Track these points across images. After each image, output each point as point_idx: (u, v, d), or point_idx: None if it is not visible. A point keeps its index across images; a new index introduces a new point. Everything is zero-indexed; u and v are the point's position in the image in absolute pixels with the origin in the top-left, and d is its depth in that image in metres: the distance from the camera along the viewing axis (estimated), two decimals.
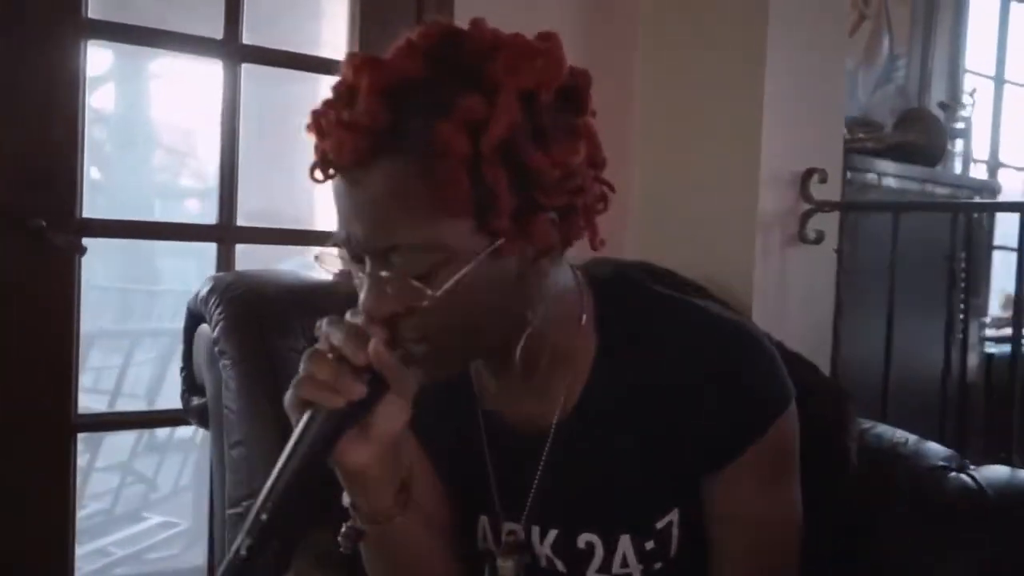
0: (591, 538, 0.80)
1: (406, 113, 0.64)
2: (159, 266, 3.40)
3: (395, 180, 0.65)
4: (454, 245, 0.66)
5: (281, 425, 1.16)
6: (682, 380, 0.77)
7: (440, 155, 0.64)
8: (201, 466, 2.65)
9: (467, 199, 0.65)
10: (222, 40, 1.56)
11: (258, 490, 1.14)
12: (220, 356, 1.24)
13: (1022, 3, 3.22)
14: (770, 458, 0.79)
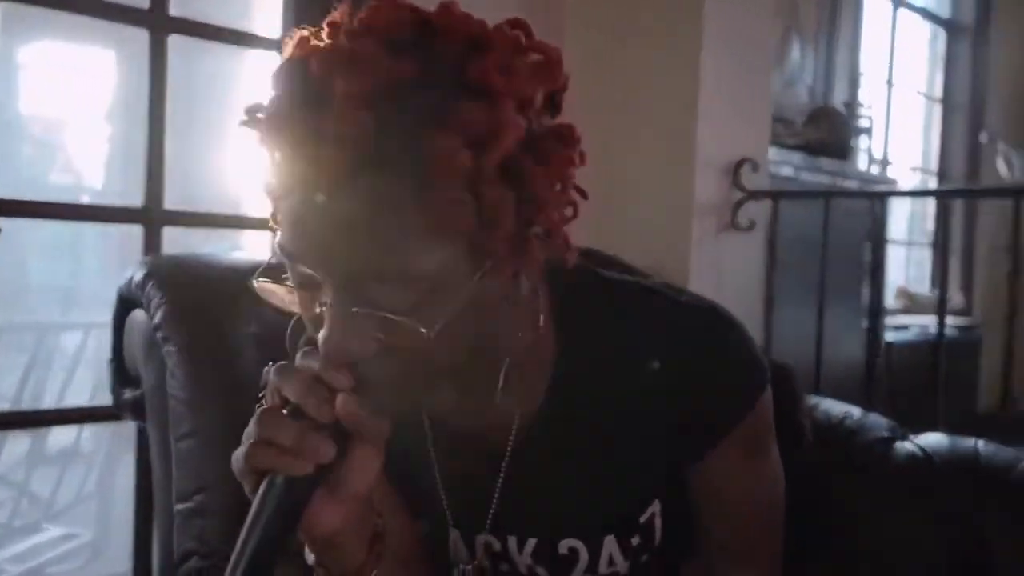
0: (574, 543, 0.76)
1: (393, 121, 0.54)
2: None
3: (381, 200, 0.55)
4: (445, 273, 0.58)
5: (232, 414, 1.11)
6: (659, 368, 0.72)
7: (439, 172, 0.54)
8: (105, 474, 2.49)
9: (468, 222, 0.56)
10: (148, 9, 1.47)
11: (205, 484, 1.10)
12: (163, 343, 1.16)
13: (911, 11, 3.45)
14: (755, 433, 0.78)
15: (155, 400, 1.19)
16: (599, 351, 0.73)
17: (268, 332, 1.16)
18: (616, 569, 0.76)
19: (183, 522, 1.10)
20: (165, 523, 1.17)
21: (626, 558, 0.76)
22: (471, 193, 0.55)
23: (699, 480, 0.76)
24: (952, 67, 3.71)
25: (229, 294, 1.21)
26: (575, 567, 0.76)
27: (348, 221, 0.55)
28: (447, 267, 0.57)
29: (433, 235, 0.56)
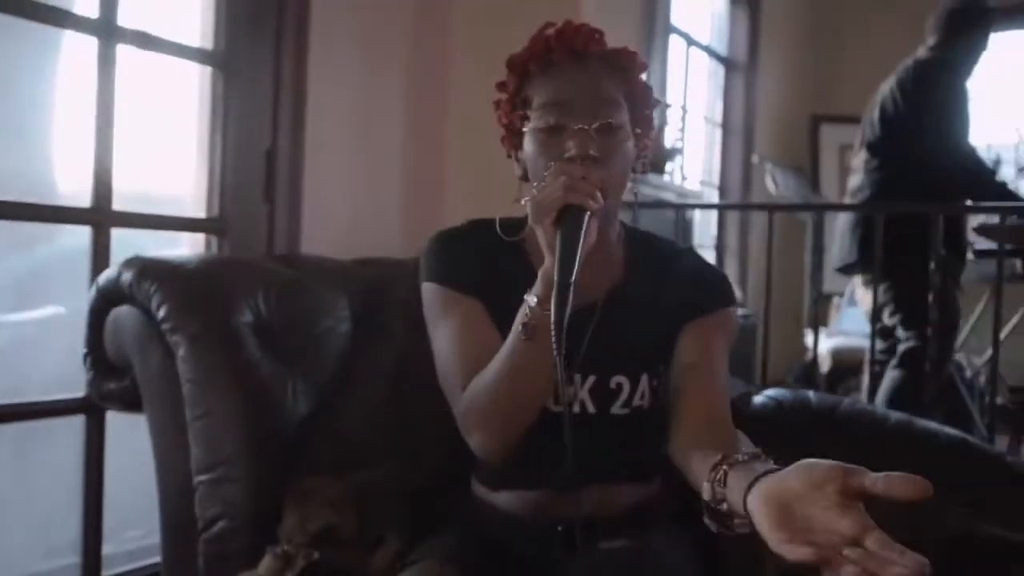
0: (621, 379, 1.08)
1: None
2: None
3: (610, 90, 1.04)
4: (624, 132, 1.04)
5: (243, 394, 1.27)
6: (680, 272, 1.13)
7: (634, 93, 1.07)
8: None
9: (633, 118, 1.07)
10: (99, 19, 1.53)
11: (227, 456, 1.24)
12: (171, 333, 1.28)
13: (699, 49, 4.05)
14: (727, 330, 1.14)
15: (160, 385, 1.30)
16: (648, 255, 1.15)
17: (261, 321, 1.33)
18: (643, 403, 1.09)
19: (207, 491, 1.24)
20: (174, 497, 1.29)
21: (651, 396, 1.09)
22: (634, 109, 1.06)
23: (686, 349, 1.09)
24: (729, 97, 4.41)
25: (223, 288, 1.35)
26: (616, 400, 1.08)
27: (603, 88, 1.03)
28: (625, 129, 1.04)
29: (624, 114, 1.04)
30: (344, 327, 1.46)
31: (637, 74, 1.08)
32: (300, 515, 1.18)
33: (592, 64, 1.04)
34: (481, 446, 1.03)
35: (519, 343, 0.96)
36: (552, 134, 1.02)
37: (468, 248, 1.11)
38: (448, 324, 1.08)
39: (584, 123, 1.00)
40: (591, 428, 1.06)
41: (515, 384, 0.98)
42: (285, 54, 1.82)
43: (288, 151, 1.84)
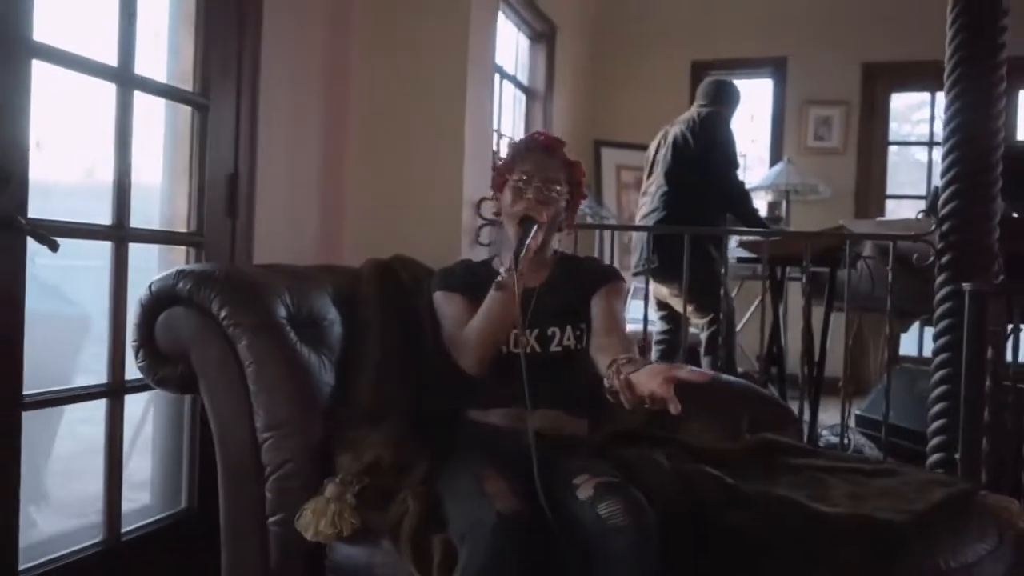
0: (554, 329, 1.75)
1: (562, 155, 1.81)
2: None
3: (560, 166, 1.78)
4: (563, 196, 1.77)
5: (291, 371, 1.70)
6: (587, 267, 1.88)
7: (574, 175, 1.79)
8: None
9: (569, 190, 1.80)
10: (117, 68, 1.84)
11: (286, 418, 1.67)
12: (231, 327, 1.66)
13: (508, 80, 4.73)
14: (619, 292, 1.84)
15: (221, 369, 1.68)
16: (568, 263, 1.87)
17: (291, 315, 1.77)
18: (570, 344, 1.74)
19: (274, 444, 1.65)
20: (236, 452, 1.68)
21: (574, 339, 1.74)
22: (571, 186, 1.78)
23: (600, 303, 1.77)
24: (530, 121, 5.14)
25: (262, 290, 1.76)
26: (552, 342, 1.74)
27: (555, 169, 1.75)
28: (562, 198, 1.77)
29: (564, 190, 1.75)
30: (337, 320, 1.91)
31: (577, 175, 1.83)
32: (352, 454, 1.65)
33: (553, 158, 1.79)
34: (469, 364, 1.71)
35: (493, 295, 1.67)
36: (523, 184, 1.75)
37: (458, 272, 1.88)
38: (447, 310, 1.79)
39: (543, 186, 1.74)
40: (539, 362, 1.69)
41: (490, 322, 1.68)
42: (244, 92, 2.20)
43: (246, 175, 2.22)
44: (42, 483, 1.85)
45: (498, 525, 1.36)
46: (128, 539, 1.91)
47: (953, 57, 2.28)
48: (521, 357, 1.57)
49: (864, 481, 1.76)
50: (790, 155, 5.34)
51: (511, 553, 1.35)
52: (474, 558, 1.36)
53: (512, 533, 1.37)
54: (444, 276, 1.87)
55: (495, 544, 1.35)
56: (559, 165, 1.78)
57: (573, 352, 1.75)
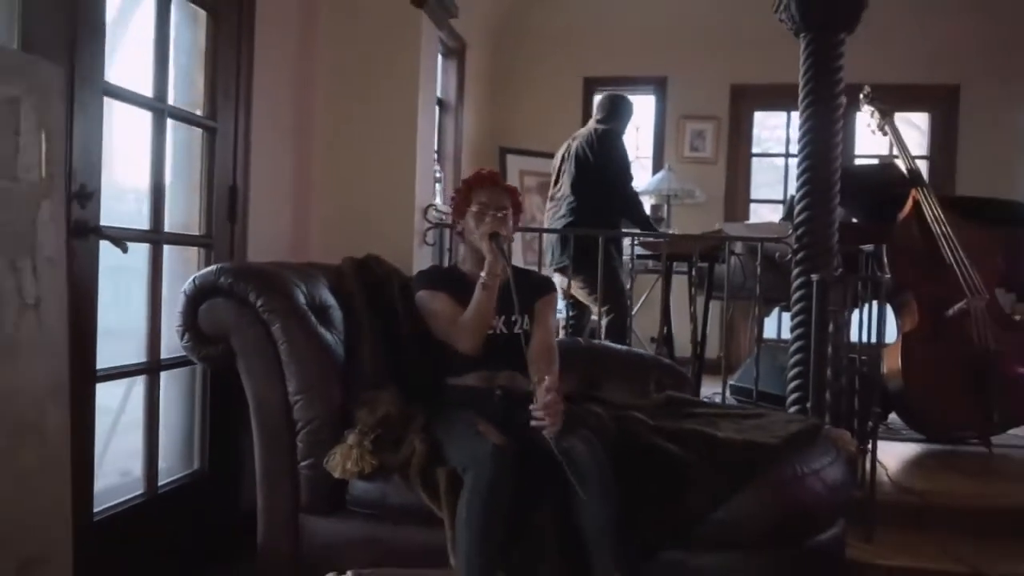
0: (516, 317, 2.23)
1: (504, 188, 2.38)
2: None
3: (508, 196, 2.37)
4: (508, 216, 2.34)
5: (315, 346, 2.15)
6: (531, 278, 2.41)
7: (514, 198, 2.37)
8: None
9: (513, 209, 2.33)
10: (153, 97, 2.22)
11: (312, 384, 2.12)
12: (267, 314, 2.09)
13: None
14: (552, 303, 2.40)
15: (258, 347, 2.10)
16: (517, 272, 2.32)
17: (309, 302, 2.21)
18: (526, 328, 2.24)
19: (304, 404, 2.09)
20: (271, 413, 2.10)
21: (528, 325, 2.26)
22: (513, 206, 2.37)
23: (539, 315, 2.32)
24: (443, 131, 5.62)
25: (286, 282, 2.18)
26: (515, 326, 2.23)
27: (502, 198, 2.34)
28: (509, 217, 2.35)
29: (509, 210, 2.34)
30: (336, 306, 2.35)
31: (515, 197, 2.40)
32: (368, 409, 2.11)
33: (498, 188, 2.37)
34: (468, 347, 2.19)
35: (480, 292, 2.17)
36: (480, 214, 2.30)
37: (436, 274, 2.49)
38: (435, 305, 2.26)
39: (496, 211, 2.26)
40: (505, 339, 2.22)
41: (479, 312, 2.17)
42: (241, 116, 2.59)
43: (243, 187, 2.61)
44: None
45: (494, 454, 1.87)
46: (163, 493, 2.29)
47: (806, 87, 2.95)
48: (521, 336, 2.18)
49: (743, 421, 2.38)
50: (670, 163, 6.06)
51: (507, 474, 1.87)
52: (479, 480, 1.87)
53: (505, 460, 1.88)
54: (428, 279, 2.38)
55: (494, 468, 1.86)
56: (503, 192, 2.37)
57: (527, 334, 2.25)
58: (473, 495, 1.86)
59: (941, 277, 3.69)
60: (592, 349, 2.87)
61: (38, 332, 1.54)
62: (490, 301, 2.19)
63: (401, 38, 3.12)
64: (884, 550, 2.59)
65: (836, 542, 2.20)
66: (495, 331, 2.25)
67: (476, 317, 2.19)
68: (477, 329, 2.19)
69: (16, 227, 1.51)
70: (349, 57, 3.09)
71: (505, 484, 1.86)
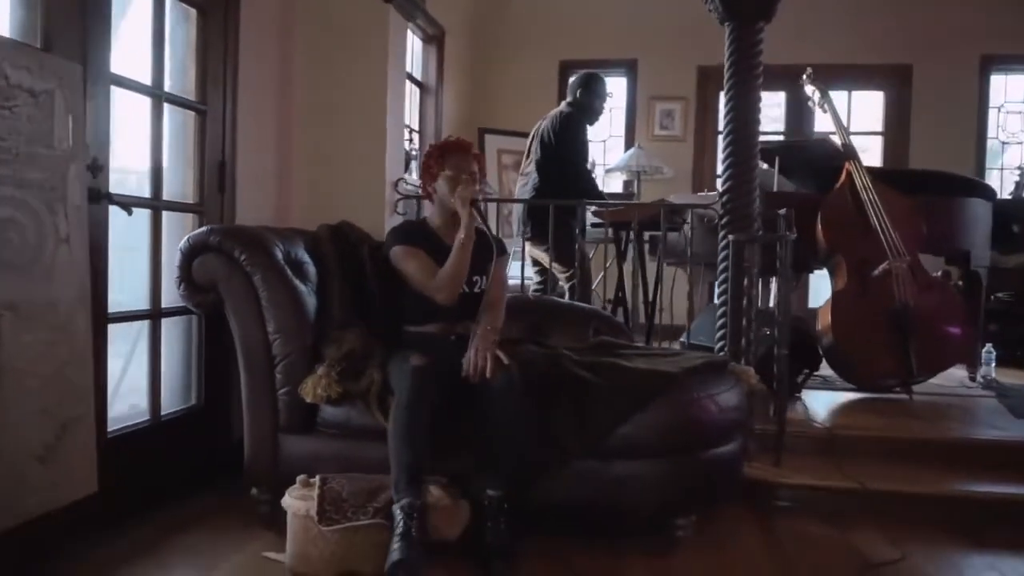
0: (477, 277, 2.60)
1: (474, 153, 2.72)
2: None
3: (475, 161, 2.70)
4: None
5: (292, 295, 2.55)
6: (491, 237, 2.67)
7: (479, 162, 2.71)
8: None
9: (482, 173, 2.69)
10: (152, 85, 2.62)
11: (289, 325, 2.53)
12: (250, 267, 2.49)
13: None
14: (504, 262, 2.80)
15: (243, 295, 2.50)
16: (481, 231, 2.64)
17: (286, 258, 2.61)
18: (485, 286, 2.63)
19: (282, 342, 2.50)
20: (255, 350, 2.51)
21: (485, 282, 2.63)
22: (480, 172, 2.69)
23: (496, 267, 2.64)
24: (424, 112, 6.00)
25: (266, 241, 2.58)
26: (476, 285, 2.61)
27: (471, 162, 2.67)
28: (477, 178, 2.67)
29: (476, 172, 2.67)
30: (311, 263, 2.76)
31: (481, 161, 2.70)
32: (336, 346, 2.52)
33: (469, 154, 2.64)
34: (446, 298, 2.52)
35: (458, 250, 2.50)
36: (453, 179, 2.56)
37: (410, 229, 2.69)
38: (413, 260, 2.58)
39: (467, 175, 2.55)
40: (465, 296, 2.58)
41: (457, 268, 2.50)
42: (228, 99, 2.99)
43: (231, 162, 3.01)
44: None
45: (414, 372, 2.29)
46: (166, 420, 2.72)
47: (730, 70, 3.33)
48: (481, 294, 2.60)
49: (659, 359, 2.78)
50: (640, 141, 6.44)
51: (425, 390, 2.28)
52: (402, 395, 2.30)
53: (423, 377, 2.29)
54: (402, 235, 2.65)
55: (413, 384, 2.28)
56: (472, 158, 2.67)
57: (484, 289, 2.63)
58: (397, 408, 2.29)
59: (868, 241, 4.08)
60: (540, 301, 3.28)
61: (69, 259, 2.00)
62: (467, 258, 2.52)
63: (370, 32, 3.51)
64: (788, 472, 3.01)
65: (731, 457, 2.61)
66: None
67: (455, 273, 2.51)
68: (456, 283, 2.52)
69: (53, 182, 1.96)
70: (324, 47, 3.48)
71: (423, 397, 2.27)
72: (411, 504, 2.18)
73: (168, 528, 2.49)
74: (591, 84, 4.67)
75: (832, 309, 4.06)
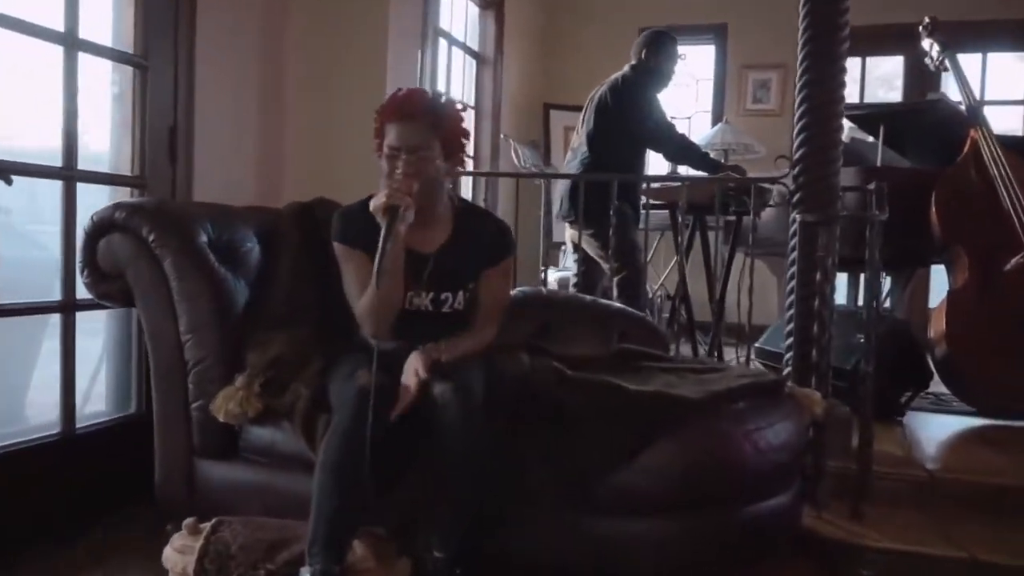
0: (447, 295, 1.96)
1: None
2: None
3: (427, 130, 1.85)
4: (435, 155, 1.86)
5: (210, 284, 2.03)
6: (484, 232, 2.00)
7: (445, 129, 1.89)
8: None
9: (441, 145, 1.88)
10: (64, 32, 2.17)
11: (204, 322, 2.01)
12: (159, 250, 2.01)
13: (452, 44, 5.02)
14: (507, 272, 2.08)
15: (151, 284, 2.02)
16: (467, 220, 1.99)
17: (212, 242, 2.10)
18: (458, 307, 1.98)
19: (194, 343, 2.00)
20: (165, 351, 2.03)
21: (464, 302, 1.99)
22: (443, 138, 1.88)
23: (485, 281, 2.01)
24: (480, 86, 5.45)
25: (186, 219, 2.09)
26: (445, 305, 1.96)
27: (418, 134, 1.83)
28: (433, 156, 1.86)
29: (437, 144, 1.85)
30: (255, 248, 2.25)
31: (449, 125, 1.89)
32: (260, 351, 2.00)
33: (416, 120, 1.84)
34: (369, 335, 1.84)
35: (375, 274, 1.78)
36: (391, 158, 1.87)
37: (358, 217, 1.89)
38: (347, 267, 1.94)
39: (408, 155, 1.85)
40: (432, 318, 1.97)
41: (375, 300, 1.78)
42: (181, 55, 2.52)
43: (184, 127, 2.55)
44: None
45: (359, 395, 1.71)
46: (82, 433, 2.27)
47: (805, 33, 2.60)
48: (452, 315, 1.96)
49: (691, 376, 2.12)
50: (728, 116, 5.65)
51: (372, 416, 1.70)
52: (340, 421, 1.72)
53: (370, 400, 1.71)
54: (343, 225, 1.94)
55: (355, 409, 1.70)
56: (426, 126, 1.84)
57: (459, 313, 1.97)
58: (331, 434, 1.72)
59: (998, 227, 3.23)
60: (554, 297, 2.65)
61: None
62: (391, 290, 1.80)
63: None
64: (870, 530, 2.27)
65: (780, 513, 1.92)
66: (420, 308, 1.94)
67: (373, 309, 1.80)
68: (377, 320, 1.81)
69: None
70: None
71: (364, 427, 1.69)
72: (325, 573, 1.63)
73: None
74: (658, 43, 3.98)
75: (947, 312, 3.24)
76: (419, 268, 1.90)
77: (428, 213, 1.88)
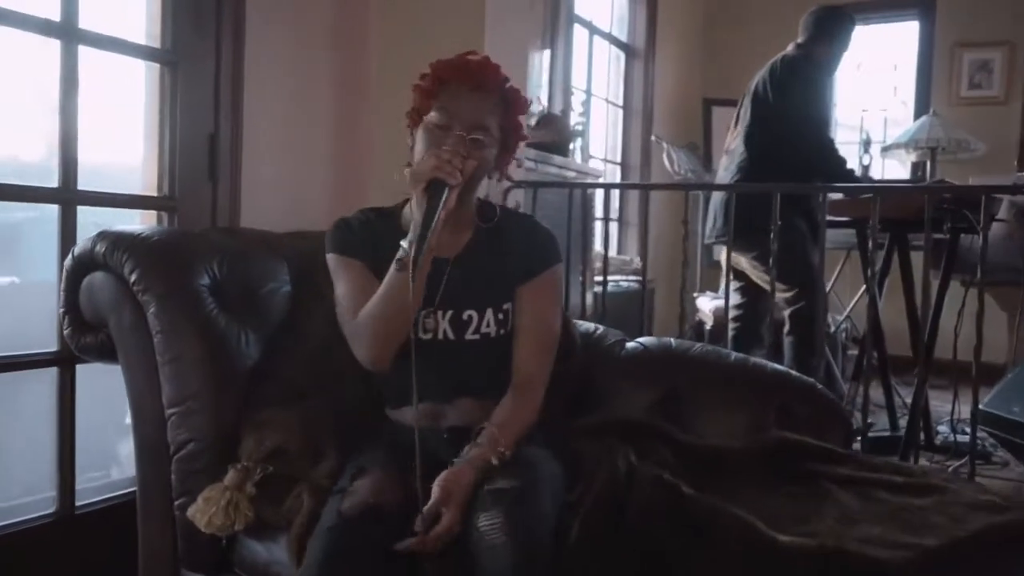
0: (471, 312, 1.43)
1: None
2: None
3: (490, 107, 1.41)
4: (492, 141, 1.42)
5: (206, 341, 1.53)
6: (519, 236, 1.50)
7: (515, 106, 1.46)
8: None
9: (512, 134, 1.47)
10: (60, 23, 1.75)
11: (193, 392, 1.50)
12: (141, 294, 1.53)
13: (601, 37, 4.38)
14: (554, 282, 1.51)
15: (133, 337, 1.55)
16: (497, 224, 1.50)
17: (216, 284, 1.60)
18: (490, 331, 1.44)
19: (178, 420, 1.51)
20: (148, 427, 1.56)
21: (496, 324, 1.44)
22: (508, 126, 1.43)
23: (523, 303, 1.46)
24: (629, 81, 4.78)
25: (183, 256, 1.61)
26: (469, 327, 1.43)
27: (486, 110, 1.39)
28: (490, 147, 1.40)
29: (493, 136, 1.40)
30: (285, 288, 1.74)
31: (515, 112, 1.45)
32: (256, 438, 1.47)
33: (485, 94, 1.40)
34: (366, 358, 1.39)
35: (393, 274, 1.32)
36: (440, 131, 1.38)
37: (356, 227, 1.48)
38: (342, 280, 1.45)
39: (463, 132, 1.37)
40: (453, 351, 1.42)
41: (388, 307, 1.34)
42: (224, 49, 2.07)
43: (228, 135, 2.09)
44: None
45: (335, 527, 1.15)
46: (82, 512, 1.86)
47: None
48: (411, 344, 1.28)
49: (885, 498, 1.37)
50: (937, 107, 4.62)
51: (349, 558, 1.13)
52: (310, 553, 1.17)
53: (351, 534, 1.14)
54: (339, 233, 1.48)
55: (326, 545, 1.14)
56: (493, 104, 1.41)
57: (493, 339, 1.44)
58: (303, 569, 1.18)
59: None
60: (688, 352, 1.93)
61: None
62: (405, 292, 1.27)
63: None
64: None
65: None
66: (437, 335, 1.43)
67: (378, 316, 1.35)
68: (375, 336, 1.36)
69: None
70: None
71: (340, 570, 1.13)
72: None
73: None
74: (828, 21, 3.16)
75: None
76: (434, 278, 1.40)
77: (454, 213, 1.35)
